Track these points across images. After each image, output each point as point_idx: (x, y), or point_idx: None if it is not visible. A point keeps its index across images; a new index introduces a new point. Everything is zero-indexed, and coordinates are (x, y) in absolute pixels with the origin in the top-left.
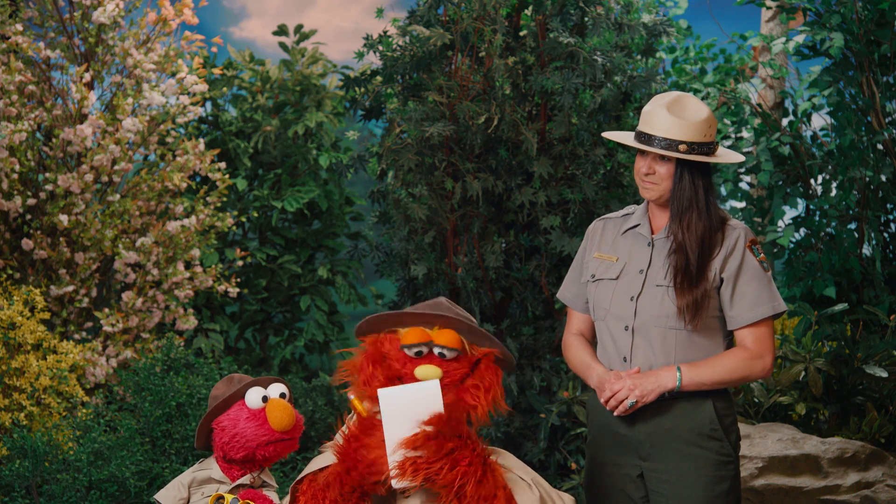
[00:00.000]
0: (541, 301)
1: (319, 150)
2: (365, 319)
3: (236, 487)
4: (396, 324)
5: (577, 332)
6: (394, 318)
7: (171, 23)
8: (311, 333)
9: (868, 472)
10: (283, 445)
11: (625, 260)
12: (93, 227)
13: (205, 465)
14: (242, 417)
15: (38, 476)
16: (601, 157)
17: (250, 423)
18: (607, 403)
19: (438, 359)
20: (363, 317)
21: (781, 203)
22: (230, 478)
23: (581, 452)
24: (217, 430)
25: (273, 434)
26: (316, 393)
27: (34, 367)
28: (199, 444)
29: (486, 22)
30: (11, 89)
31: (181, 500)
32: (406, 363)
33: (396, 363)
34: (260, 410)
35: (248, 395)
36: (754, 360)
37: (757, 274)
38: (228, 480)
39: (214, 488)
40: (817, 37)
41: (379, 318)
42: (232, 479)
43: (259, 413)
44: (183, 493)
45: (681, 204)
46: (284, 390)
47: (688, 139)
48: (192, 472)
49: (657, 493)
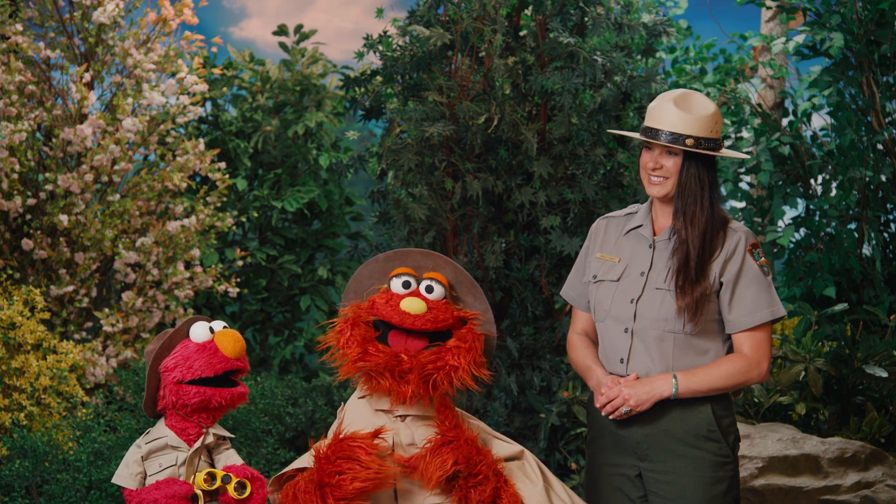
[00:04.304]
0: (541, 301)
1: (319, 150)
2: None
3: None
4: (387, 270)
5: (581, 331)
6: (386, 262)
7: (171, 23)
8: (311, 333)
9: (868, 472)
10: (237, 392)
11: (626, 261)
12: (93, 227)
13: (155, 434)
14: (192, 352)
15: (38, 476)
16: (601, 157)
17: (202, 355)
18: (603, 409)
19: (424, 295)
20: None
21: (781, 203)
22: (185, 440)
23: (581, 452)
24: (166, 373)
25: (228, 361)
26: (316, 393)
27: (34, 367)
28: (147, 405)
29: (486, 22)
30: (11, 89)
31: (139, 475)
32: (391, 299)
33: (380, 305)
34: (209, 342)
35: (192, 331)
36: (751, 367)
37: (757, 278)
38: (185, 445)
39: (173, 456)
40: (817, 37)
41: (375, 261)
42: (188, 443)
43: (208, 344)
44: (139, 468)
45: (685, 198)
46: (226, 324)
47: (694, 133)
48: (144, 444)
49: (655, 493)
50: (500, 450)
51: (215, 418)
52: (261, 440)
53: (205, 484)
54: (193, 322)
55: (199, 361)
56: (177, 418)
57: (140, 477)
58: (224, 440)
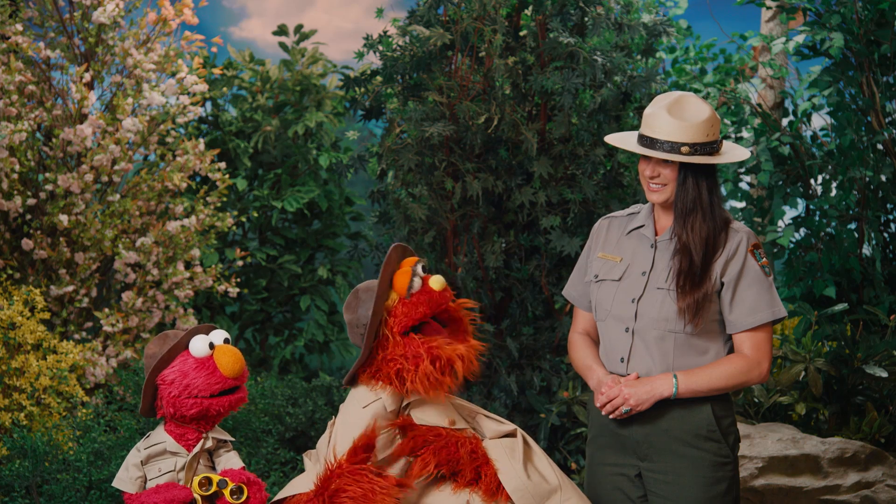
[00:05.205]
0: (541, 301)
1: (319, 150)
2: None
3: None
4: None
5: (583, 330)
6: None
7: (171, 23)
8: (311, 333)
9: (868, 472)
10: (236, 398)
11: (628, 261)
12: (93, 227)
13: (154, 439)
14: (191, 368)
15: (38, 476)
16: (601, 157)
17: (200, 373)
18: (603, 408)
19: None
20: None
21: (781, 203)
22: (184, 446)
23: (581, 452)
24: (163, 385)
25: (226, 381)
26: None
27: (34, 367)
28: (144, 409)
29: (486, 22)
30: (11, 89)
31: (139, 480)
32: (424, 289)
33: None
34: (208, 358)
35: (192, 345)
36: (751, 368)
37: (758, 279)
38: (184, 451)
39: (172, 462)
40: (817, 37)
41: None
42: (187, 448)
43: (207, 361)
44: (139, 472)
45: (685, 205)
46: (227, 335)
47: (690, 140)
48: (143, 449)
49: (655, 493)
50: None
51: (215, 423)
52: (261, 440)
53: (200, 489)
54: (194, 334)
55: (198, 380)
56: (175, 425)
57: (140, 481)
58: (224, 443)
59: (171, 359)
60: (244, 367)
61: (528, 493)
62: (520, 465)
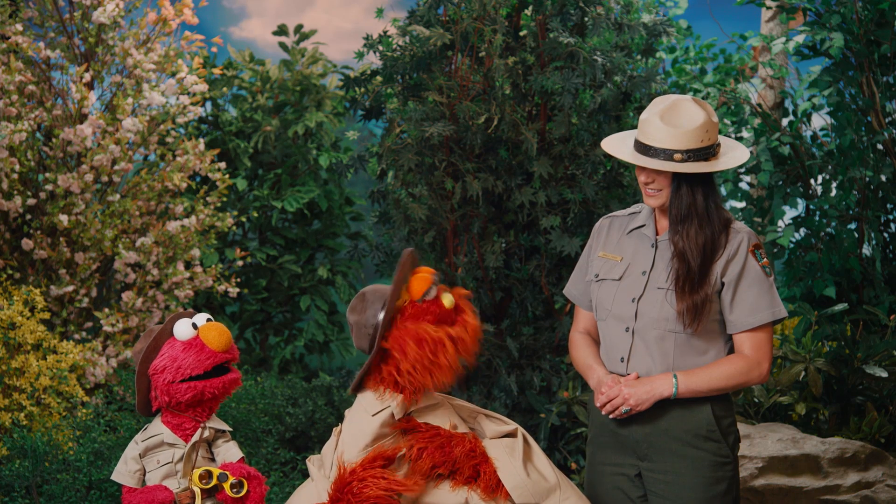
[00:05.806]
0: (541, 301)
1: (319, 150)
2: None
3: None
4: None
5: (583, 330)
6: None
7: (171, 23)
8: (311, 333)
9: (868, 472)
10: (229, 379)
11: (629, 260)
12: (93, 227)
13: (151, 431)
14: (179, 351)
15: (38, 476)
16: (601, 157)
17: (189, 353)
18: (603, 408)
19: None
20: None
21: (781, 203)
22: (182, 437)
23: (581, 452)
24: (156, 375)
25: (216, 356)
26: (316, 393)
27: (34, 367)
28: (140, 407)
29: (486, 22)
30: (11, 89)
31: (138, 472)
32: (436, 301)
33: (425, 312)
34: (194, 338)
35: (176, 329)
36: (751, 368)
37: (758, 279)
38: (181, 442)
39: (170, 453)
40: (817, 37)
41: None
42: (185, 438)
43: (194, 341)
44: (137, 465)
45: (679, 212)
46: (209, 316)
47: (683, 147)
48: (141, 442)
49: (655, 493)
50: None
51: (212, 409)
52: (261, 440)
53: (200, 482)
54: (176, 320)
55: (188, 360)
56: (172, 415)
57: (139, 474)
58: (223, 433)
59: (159, 347)
60: (231, 340)
61: (527, 491)
62: (519, 463)
